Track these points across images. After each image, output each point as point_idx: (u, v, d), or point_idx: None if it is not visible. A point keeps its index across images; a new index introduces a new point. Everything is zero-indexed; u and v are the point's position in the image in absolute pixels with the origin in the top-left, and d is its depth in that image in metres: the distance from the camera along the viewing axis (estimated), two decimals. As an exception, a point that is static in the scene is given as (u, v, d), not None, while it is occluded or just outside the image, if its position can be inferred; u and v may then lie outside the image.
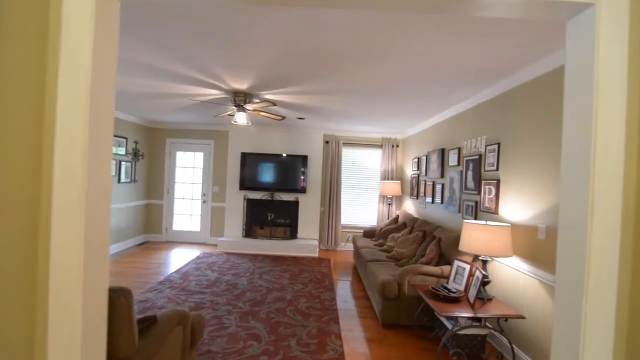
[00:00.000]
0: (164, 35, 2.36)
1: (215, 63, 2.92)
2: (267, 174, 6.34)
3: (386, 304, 3.19)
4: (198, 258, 5.45)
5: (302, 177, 6.32)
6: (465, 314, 2.47)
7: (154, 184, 6.66)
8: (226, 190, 6.48)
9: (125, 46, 2.60)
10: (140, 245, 6.32)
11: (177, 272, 4.66)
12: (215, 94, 3.88)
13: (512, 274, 2.81)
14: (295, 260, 5.63)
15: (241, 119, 3.84)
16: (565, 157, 1.13)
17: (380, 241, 5.05)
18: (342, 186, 6.58)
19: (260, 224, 6.40)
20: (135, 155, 6.09)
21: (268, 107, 3.73)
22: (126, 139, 5.82)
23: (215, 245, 6.32)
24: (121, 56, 2.82)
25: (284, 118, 4.30)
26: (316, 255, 6.01)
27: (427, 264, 3.43)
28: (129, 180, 5.94)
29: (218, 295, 3.82)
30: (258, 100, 3.86)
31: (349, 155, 6.65)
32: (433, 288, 2.82)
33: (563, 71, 2.51)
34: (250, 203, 6.40)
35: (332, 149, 6.43)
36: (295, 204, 6.41)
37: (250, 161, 6.31)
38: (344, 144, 6.55)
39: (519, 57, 2.49)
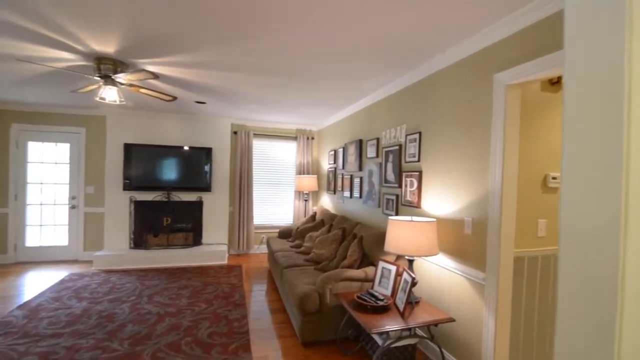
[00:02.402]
0: None
1: (54, 5, 1.96)
2: (162, 170, 5.24)
3: (306, 320, 2.72)
4: (61, 282, 4.12)
5: (206, 173, 5.43)
6: (396, 325, 2.15)
7: (-8, 186, 4.88)
8: (105, 192, 5.15)
9: None
10: (-31, 271, 4.54)
11: (21, 307, 3.36)
12: (68, 58, 2.80)
13: (437, 272, 2.63)
14: (199, 270, 4.76)
15: (110, 94, 2.85)
16: (569, 135, 0.76)
17: (297, 241, 4.59)
18: (254, 182, 5.91)
19: (154, 230, 5.27)
20: (-46, 146, 4.30)
21: (146, 79, 2.84)
22: None
23: (91, 262, 4.97)
24: None
25: (174, 99, 3.42)
26: (225, 262, 5.23)
27: (350, 266, 3.08)
28: (-58, 181, 4.16)
29: (82, 336, 2.80)
30: (133, 71, 2.92)
31: (260, 148, 6.00)
32: (358, 297, 2.45)
33: (487, 52, 2.39)
34: (139, 206, 5.21)
35: (241, 140, 5.69)
36: (199, 204, 5.48)
37: (137, 154, 5.11)
38: (254, 134, 5.86)
39: (449, 30, 2.24)
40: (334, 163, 5.26)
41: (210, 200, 5.54)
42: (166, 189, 5.26)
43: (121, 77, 2.85)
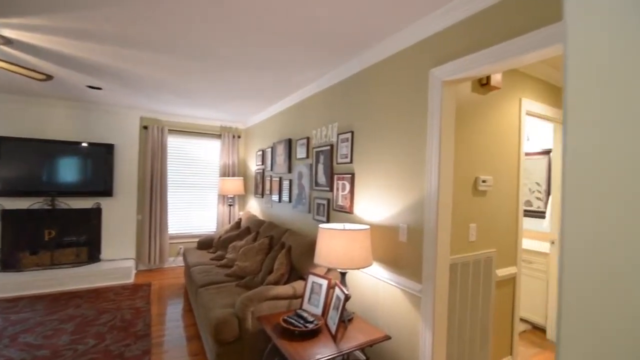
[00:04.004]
0: None
1: None
2: (44, 171, 4.19)
3: (222, 351, 2.26)
4: None
5: (106, 174, 4.52)
6: (328, 352, 1.85)
7: None
8: (-45, 198, 3.91)
9: None
10: None
11: None
12: None
13: (371, 283, 2.42)
14: (95, 294, 3.89)
15: None
16: (571, 116, 0.52)
17: (219, 252, 4.05)
18: (169, 185, 5.15)
19: (31, 247, 4.18)
20: None
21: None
22: None
23: None
24: None
25: (49, 78, 2.64)
26: (130, 280, 4.40)
27: (276, 282, 2.71)
28: None
29: None
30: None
31: (177, 146, 5.25)
32: (285, 320, 2.10)
33: (423, 45, 2.13)
34: (9, 216, 4.08)
35: (153, 136, 4.89)
36: (96, 212, 4.53)
37: (8, 151, 4.00)
38: (170, 130, 5.11)
39: (384, 19, 2.03)
40: (262, 164, 4.83)
41: (112, 206, 4.64)
42: (50, 194, 4.23)
43: (-47, 41, 2.04)
